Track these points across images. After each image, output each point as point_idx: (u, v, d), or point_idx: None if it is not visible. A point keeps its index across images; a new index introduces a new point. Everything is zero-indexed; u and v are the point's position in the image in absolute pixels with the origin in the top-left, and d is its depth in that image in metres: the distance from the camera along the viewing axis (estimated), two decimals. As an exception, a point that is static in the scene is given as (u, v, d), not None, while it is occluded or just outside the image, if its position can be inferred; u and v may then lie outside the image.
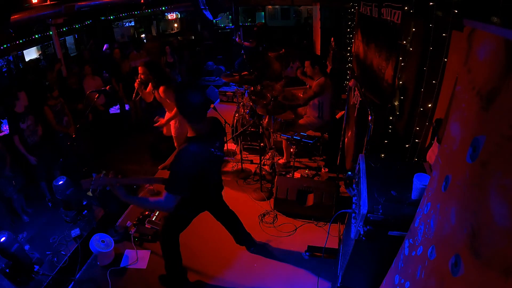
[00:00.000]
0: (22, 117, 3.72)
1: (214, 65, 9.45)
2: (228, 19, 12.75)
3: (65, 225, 3.36)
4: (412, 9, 2.74)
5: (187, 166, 1.97)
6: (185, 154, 1.99)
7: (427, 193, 1.49)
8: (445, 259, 1.02)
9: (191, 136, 2.11)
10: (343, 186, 3.94)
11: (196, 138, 2.08)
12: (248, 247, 3.19)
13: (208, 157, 2.09)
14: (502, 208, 0.78)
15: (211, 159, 2.13)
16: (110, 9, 9.25)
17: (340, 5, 6.71)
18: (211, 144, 2.12)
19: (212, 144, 2.14)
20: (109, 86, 3.90)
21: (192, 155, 1.98)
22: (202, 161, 2.03)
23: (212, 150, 2.13)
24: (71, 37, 9.58)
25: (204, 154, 2.05)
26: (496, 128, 0.87)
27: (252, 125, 4.37)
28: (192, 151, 2.00)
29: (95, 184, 1.96)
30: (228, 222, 3.01)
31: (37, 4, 5.04)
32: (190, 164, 1.97)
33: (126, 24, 11.55)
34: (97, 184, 1.97)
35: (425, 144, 2.64)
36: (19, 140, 3.70)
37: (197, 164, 2.00)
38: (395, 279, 1.62)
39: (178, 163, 1.97)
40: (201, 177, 2.12)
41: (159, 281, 2.91)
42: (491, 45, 0.96)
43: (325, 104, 4.06)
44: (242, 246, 3.20)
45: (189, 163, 1.97)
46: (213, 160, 2.17)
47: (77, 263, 3.02)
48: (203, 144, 2.06)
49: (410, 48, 2.82)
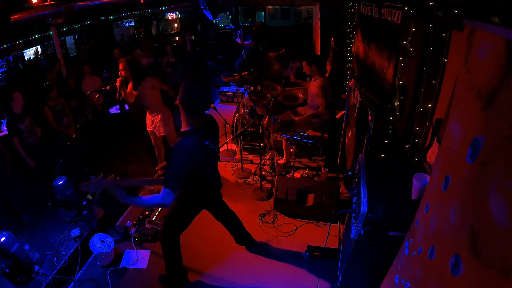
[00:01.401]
0: (20, 118, 3.72)
1: (214, 65, 9.44)
2: (228, 19, 12.75)
3: (65, 225, 3.36)
4: (412, 9, 2.74)
5: (182, 159, 1.96)
6: (180, 147, 1.98)
7: (427, 193, 1.49)
8: (445, 259, 1.02)
9: (185, 130, 2.11)
10: (343, 186, 3.94)
11: (190, 132, 2.08)
12: (248, 247, 3.19)
13: (203, 149, 2.08)
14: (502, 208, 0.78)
15: (206, 152, 2.13)
16: (110, 9, 9.25)
17: (340, 5, 6.70)
18: (205, 137, 2.12)
19: (207, 137, 2.13)
20: (109, 86, 3.89)
21: (186, 148, 1.98)
22: (197, 153, 2.03)
23: (207, 143, 2.12)
24: (71, 37, 9.58)
25: (199, 147, 2.05)
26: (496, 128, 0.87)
27: (252, 125, 4.37)
28: (186, 144, 1.99)
29: (94, 187, 1.96)
30: (227, 222, 3.01)
31: (37, 4, 5.04)
32: (185, 157, 1.96)
33: (126, 24, 11.55)
34: (95, 187, 1.97)
35: (425, 144, 2.63)
36: (19, 141, 3.70)
37: (192, 157, 2.00)
38: (395, 279, 1.63)
39: (173, 157, 1.97)
40: (197, 171, 2.12)
41: (159, 281, 2.91)
42: (491, 45, 0.96)
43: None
44: (242, 246, 3.21)
45: (184, 156, 1.96)
46: (209, 154, 2.16)
47: (77, 263, 3.02)
48: (198, 137, 2.06)
49: (410, 48, 2.82)
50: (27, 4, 4.92)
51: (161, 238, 2.66)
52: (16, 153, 3.72)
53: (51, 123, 4.15)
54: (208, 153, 2.15)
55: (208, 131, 2.18)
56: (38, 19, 5.43)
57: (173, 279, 2.83)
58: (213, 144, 2.22)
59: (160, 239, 2.67)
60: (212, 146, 2.20)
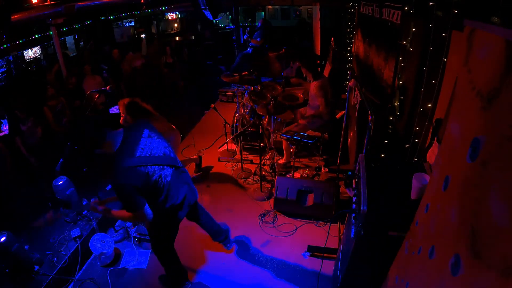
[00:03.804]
0: (22, 119, 3.72)
1: (214, 65, 9.45)
2: (228, 19, 12.74)
3: (65, 225, 3.36)
4: (412, 9, 2.74)
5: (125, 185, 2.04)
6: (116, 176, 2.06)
7: (427, 193, 1.48)
8: (445, 259, 1.02)
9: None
10: (343, 186, 3.94)
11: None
12: (225, 243, 3.13)
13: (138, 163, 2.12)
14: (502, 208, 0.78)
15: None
16: (110, 9, 9.24)
17: (340, 5, 6.70)
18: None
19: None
20: (110, 86, 3.89)
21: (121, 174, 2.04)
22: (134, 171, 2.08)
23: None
24: (71, 37, 9.57)
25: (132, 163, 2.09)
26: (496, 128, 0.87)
27: (252, 125, 4.38)
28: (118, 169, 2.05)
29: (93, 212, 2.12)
30: (202, 219, 2.87)
31: (37, 4, 5.04)
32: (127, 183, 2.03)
33: (126, 24, 11.54)
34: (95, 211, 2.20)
35: (425, 144, 2.63)
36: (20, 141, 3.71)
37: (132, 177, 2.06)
38: (395, 279, 1.63)
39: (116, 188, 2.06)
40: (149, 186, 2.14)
41: (159, 282, 2.91)
42: (491, 45, 0.96)
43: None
44: (241, 246, 3.20)
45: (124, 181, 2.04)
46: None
47: (77, 263, 3.02)
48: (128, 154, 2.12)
49: (410, 48, 2.82)
50: (27, 4, 4.92)
51: (152, 249, 2.62)
52: (16, 152, 3.72)
53: (50, 123, 4.14)
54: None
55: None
56: (38, 19, 5.43)
57: (173, 280, 2.83)
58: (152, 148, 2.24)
59: (152, 250, 2.63)
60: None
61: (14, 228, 3.44)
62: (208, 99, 6.89)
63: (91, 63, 6.13)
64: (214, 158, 4.84)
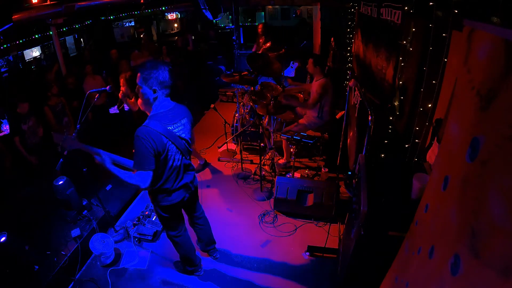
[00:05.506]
0: (24, 118, 3.72)
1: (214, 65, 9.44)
2: (228, 19, 12.74)
3: (65, 225, 3.36)
4: (412, 9, 2.74)
5: (143, 142, 2.06)
6: (139, 132, 2.10)
7: (426, 193, 1.48)
8: (445, 259, 1.02)
9: (150, 115, 2.23)
10: (343, 186, 3.94)
11: (152, 117, 2.20)
12: (211, 253, 3.15)
13: (166, 134, 2.16)
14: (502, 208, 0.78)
15: (171, 138, 2.20)
16: (110, 9, 9.24)
17: (340, 5, 6.70)
18: (168, 122, 2.21)
19: (170, 123, 2.22)
20: (110, 86, 3.90)
21: (145, 131, 2.09)
22: (158, 136, 2.12)
23: (170, 128, 2.21)
24: (71, 37, 9.58)
25: (160, 131, 2.13)
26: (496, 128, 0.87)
27: (252, 125, 4.37)
28: (144, 129, 2.11)
29: (66, 144, 2.22)
30: (200, 225, 2.93)
31: (37, 4, 5.04)
32: (146, 140, 2.07)
33: (126, 24, 11.55)
34: (68, 144, 2.25)
35: (425, 144, 2.63)
36: (20, 141, 3.71)
37: (154, 140, 2.09)
38: (395, 279, 1.63)
39: (136, 141, 2.09)
40: (163, 156, 2.19)
41: (174, 267, 3.00)
42: (491, 45, 0.96)
43: (325, 104, 4.06)
44: (245, 246, 3.21)
45: (145, 138, 2.07)
46: (175, 141, 2.23)
47: (77, 263, 3.02)
48: (160, 122, 2.16)
49: (410, 48, 2.82)
50: (27, 4, 4.92)
51: (167, 236, 2.74)
52: (16, 152, 3.73)
53: (51, 123, 4.14)
54: (174, 139, 2.22)
55: (173, 117, 2.25)
56: (38, 19, 5.43)
57: (185, 265, 2.92)
58: (180, 131, 2.28)
59: (167, 237, 2.76)
60: (178, 133, 2.26)
61: (14, 228, 3.45)
62: (208, 99, 6.89)
63: (92, 63, 6.12)
64: (214, 158, 4.85)
